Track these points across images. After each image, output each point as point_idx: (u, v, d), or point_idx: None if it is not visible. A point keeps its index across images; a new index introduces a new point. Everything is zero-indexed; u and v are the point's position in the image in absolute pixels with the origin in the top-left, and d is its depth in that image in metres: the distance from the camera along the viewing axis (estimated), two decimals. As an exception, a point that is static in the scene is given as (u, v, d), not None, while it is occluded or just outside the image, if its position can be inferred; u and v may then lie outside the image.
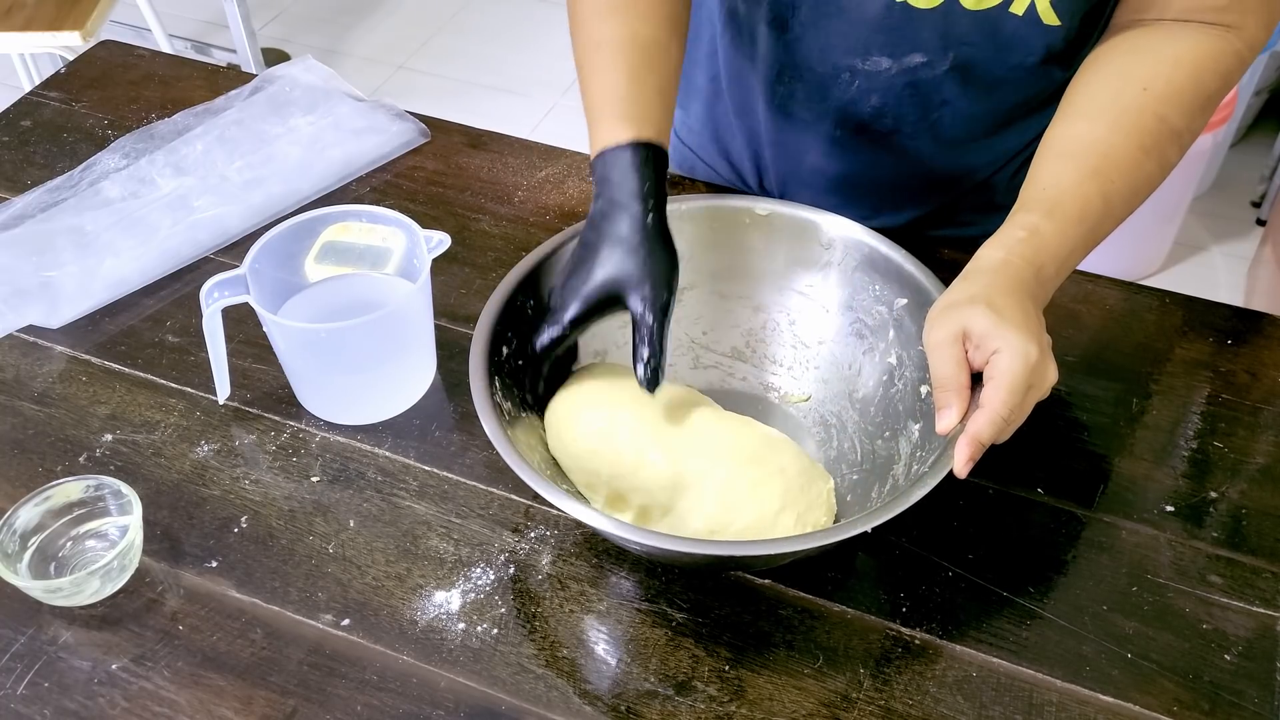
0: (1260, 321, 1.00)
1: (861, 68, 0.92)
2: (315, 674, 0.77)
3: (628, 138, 0.80)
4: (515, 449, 0.75)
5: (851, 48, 0.91)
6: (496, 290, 0.85)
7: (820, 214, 0.91)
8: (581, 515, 0.73)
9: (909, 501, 0.72)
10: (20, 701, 0.75)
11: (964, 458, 0.71)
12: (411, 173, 1.15)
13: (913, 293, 0.86)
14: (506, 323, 0.84)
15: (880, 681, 0.76)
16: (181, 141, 1.15)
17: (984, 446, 0.71)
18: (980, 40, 0.88)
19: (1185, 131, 0.81)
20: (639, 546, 0.77)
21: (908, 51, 0.90)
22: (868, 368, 0.89)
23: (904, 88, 0.93)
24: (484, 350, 0.81)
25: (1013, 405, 0.71)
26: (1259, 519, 0.85)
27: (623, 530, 0.72)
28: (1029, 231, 0.77)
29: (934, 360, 0.75)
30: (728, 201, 0.93)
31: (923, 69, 0.91)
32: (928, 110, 0.95)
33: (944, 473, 0.73)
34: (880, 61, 0.91)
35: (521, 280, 0.86)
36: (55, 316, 1.00)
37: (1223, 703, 0.75)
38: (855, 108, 0.96)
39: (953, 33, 0.88)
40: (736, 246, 0.93)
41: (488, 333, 0.82)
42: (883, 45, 0.90)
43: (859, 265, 0.90)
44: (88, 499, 0.82)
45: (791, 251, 0.92)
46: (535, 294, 0.87)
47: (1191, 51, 0.80)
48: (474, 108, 2.86)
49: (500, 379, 0.82)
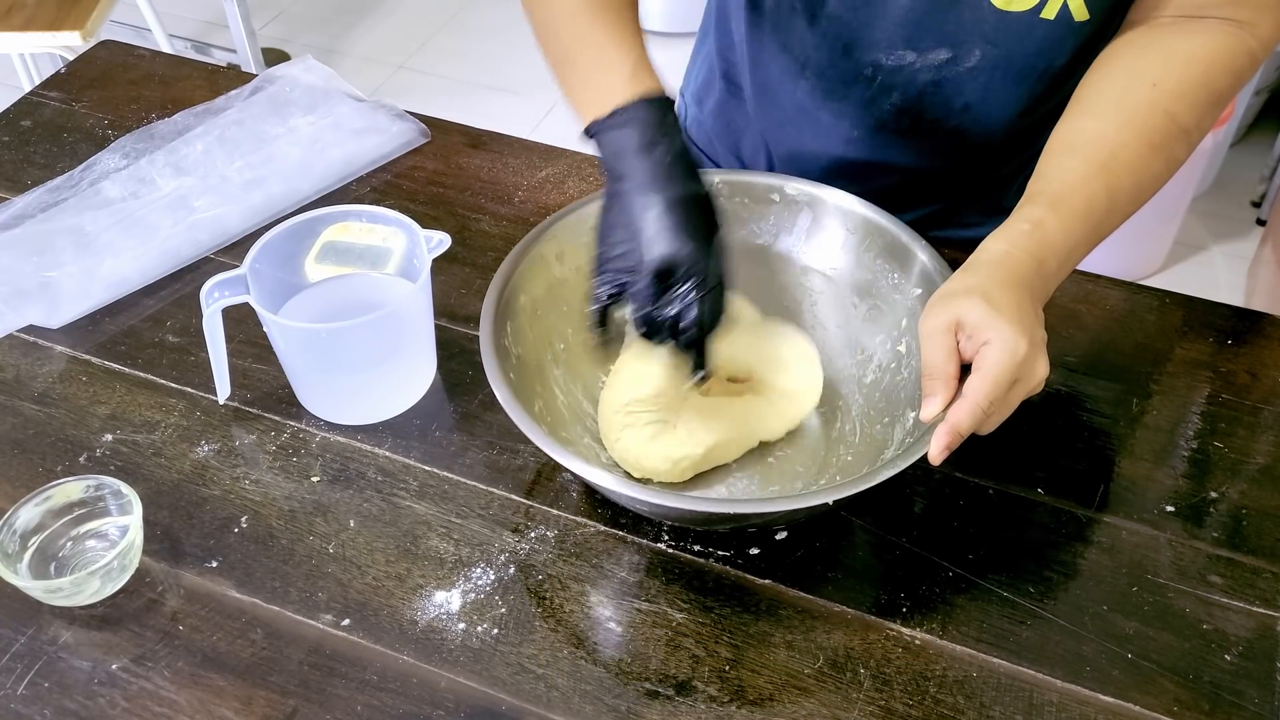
0: (1260, 321, 1.00)
1: (886, 63, 0.92)
2: (315, 674, 0.77)
3: (657, 88, 0.80)
4: (513, 393, 0.78)
5: (878, 41, 0.90)
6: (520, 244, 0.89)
7: (848, 198, 0.92)
8: (567, 461, 0.75)
9: (873, 481, 0.73)
10: (20, 701, 0.75)
11: (939, 445, 0.71)
12: (411, 173, 1.15)
13: (927, 284, 0.86)
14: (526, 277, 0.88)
15: (880, 681, 0.76)
16: (181, 141, 1.15)
17: (962, 436, 0.71)
18: (1007, 41, 0.88)
19: (1194, 129, 0.81)
20: (628, 500, 0.78)
21: (933, 46, 0.89)
22: (879, 354, 0.90)
23: (926, 86, 0.92)
24: (495, 300, 0.85)
25: (994, 397, 0.71)
26: (1259, 519, 0.85)
27: (609, 483, 0.75)
28: (1032, 225, 0.77)
29: (925, 348, 0.75)
30: (758, 179, 0.95)
31: (947, 67, 0.90)
32: (949, 113, 0.94)
33: (915, 457, 0.73)
34: (905, 56, 0.90)
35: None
36: (55, 316, 1.00)
37: (1223, 703, 0.75)
38: (875, 106, 0.95)
39: (980, 31, 0.87)
40: (763, 223, 0.95)
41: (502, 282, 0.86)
42: (909, 38, 0.89)
43: (880, 252, 0.91)
44: (88, 499, 0.82)
45: (817, 232, 0.93)
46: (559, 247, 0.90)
47: (1203, 48, 0.80)
48: (474, 108, 2.86)
49: (513, 325, 0.85)
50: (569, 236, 0.91)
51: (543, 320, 0.90)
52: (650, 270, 0.76)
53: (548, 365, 0.89)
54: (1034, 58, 0.89)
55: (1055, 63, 0.89)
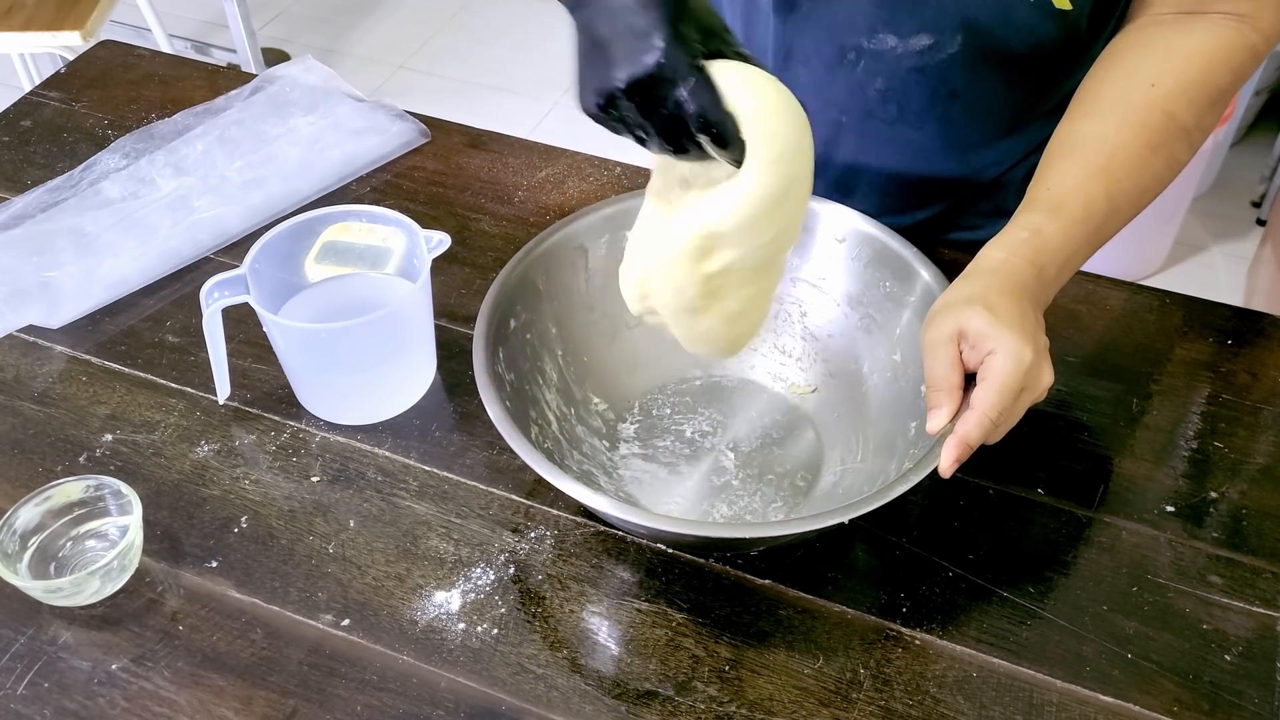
0: (1260, 321, 1.00)
1: (868, 46, 0.91)
2: (315, 674, 0.77)
3: None
4: (510, 418, 0.77)
5: (858, 24, 0.90)
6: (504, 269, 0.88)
7: (835, 206, 0.92)
8: (567, 488, 0.74)
9: (887, 497, 0.72)
10: (20, 701, 0.75)
11: (950, 458, 0.71)
12: (411, 173, 1.15)
13: (921, 292, 0.86)
14: (514, 298, 0.86)
15: (880, 681, 0.76)
16: (181, 141, 1.15)
17: (972, 448, 0.71)
18: (989, 23, 0.87)
19: (1195, 128, 0.80)
20: (626, 524, 0.78)
21: (915, 30, 0.89)
22: (873, 364, 0.90)
23: (910, 72, 0.92)
24: (488, 322, 0.83)
25: (1003, 407, 0.71)
26: (1259, 519, 0.85)
27: (610, 507, 0.73)
28: (1031, 231, 0.76)
29: (928, 359, 0.75)
30: None
31: (930, 52, 0.90)
32: (935, 100, 0.94)
33: (927, 471, 0.73)
34: (886, 39, 0.90)
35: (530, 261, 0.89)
36: (55, 316, 1.00)
37: (1223, 703, 0.75)
38: (861, 92, 0.95)
39: (961, 12, 0.87)
40: None
41: (492, 307, 0.84)
42: (889, 21, 0.89)
43: (871, 260, 0.90)
44: (88, 499, 0.82)
45: (806, 242, 0.93)
46: (546, 270, 0.90)
47: (1203, 46, 0.79)
48: (474, 108, 2.87)
49: (504, 349, 0.83)
50: (553, 258, 0.90)
51: (533, 344, 0.89)
52: (642, 74, 0.65)
53: (540, 390, 0.88)
54: (1015, 43, 0.88)
55: (1040, 50, 0.88)
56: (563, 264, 0.91)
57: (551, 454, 0.84)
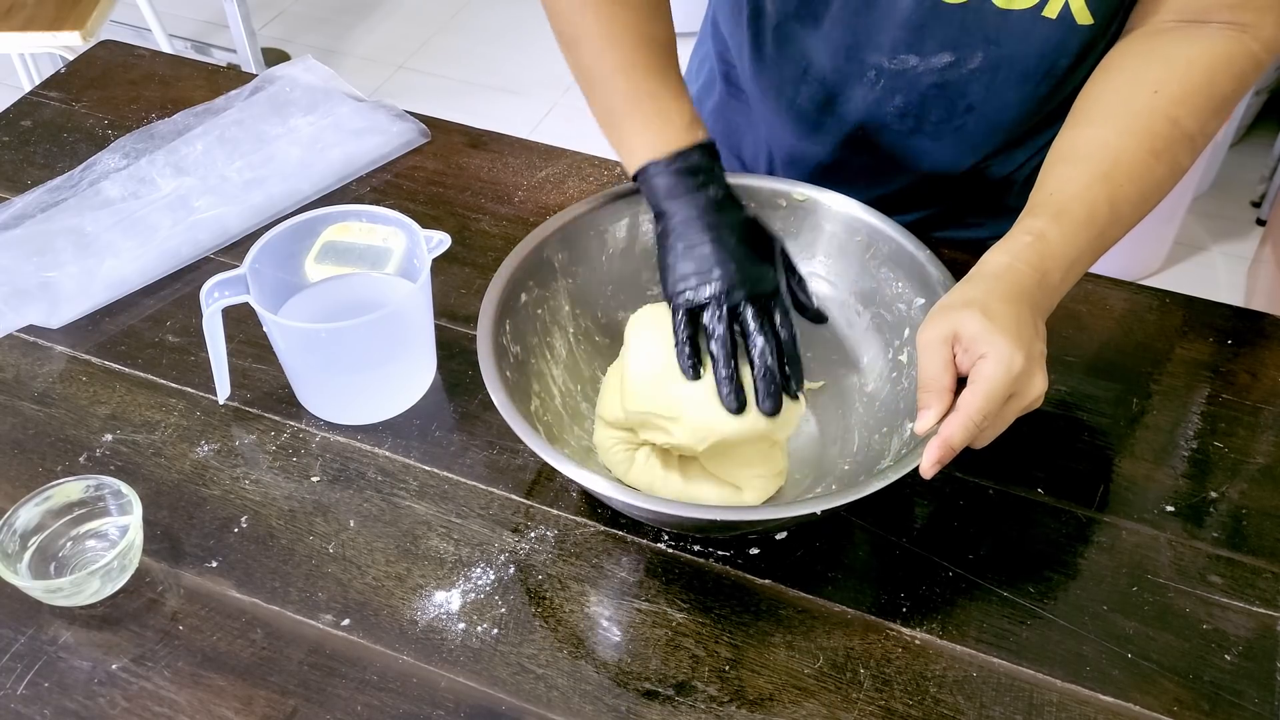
0: (1260, 321, 1.00)
1: (888, 66, 0.91)
2: (315, 674, 0.77)
3: (709, 136, 0.85)
4: (509, 395, 0.78)
5: (880, 45, 0.90)
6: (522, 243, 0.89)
7: (853, 203, 0.92)
8: (561, 465, 0.74)
9: (863, 491, 0.73)
10: (20, 701, 0.75)
11: (931, 459, 0.71)
12: (411, 173, 1.15)
13: (930, 294, 0.86)
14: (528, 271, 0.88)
15: (880, 681, 0.76)
16: (181, 141, 1.15)
17: (954, 450, 0.71)
18: (1010, 42, 0.87)
19: (1198, 134, 0.80)
20: (619, 504, 0.78)
21: (936, 50, 0.89)
22: (880, 363, 0.90)
23: (929, 88, 0.92)
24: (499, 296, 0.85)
25: (988, 412, 0.70)
26: (1259, 519, 0.85)
27: (600, 487, 0.74)
28: (1034, 237, 0.76)
29: (922, 360, 0.75)
30: (764, 184, 0.94)
31: (950, 69, 0.90)
32: (952, 114, 0.94)
33: (906, 470, 0.73)
34: (908, 60, 0.90)
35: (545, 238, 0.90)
36: (55, 316, 1.00)
37: (1223, 703, 0.75)
38: (879, 108, 0.95)
39: (983, 32, 0.87)
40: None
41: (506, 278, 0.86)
42: (911, 43, 0.89)
43: (885, 260, 0.90)
44: (88, 499, 0.82)
45: (822, 238, 0.93)
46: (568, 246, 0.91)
47: (1205, 53, 0.79)
48: (474, 108, 2.87)
49: (511, 321, 0.85)
50: (573, 236, 0.91)
51: (543, 319, 0.90)
52: (724, 290, 0.80)
53: (546, 365, 0.89)
54: (1036, 59, 0.88)
55: (1058, 64, 0.89)
56: (583, 242, 0.91)
57: (551, 428, 0.85)
